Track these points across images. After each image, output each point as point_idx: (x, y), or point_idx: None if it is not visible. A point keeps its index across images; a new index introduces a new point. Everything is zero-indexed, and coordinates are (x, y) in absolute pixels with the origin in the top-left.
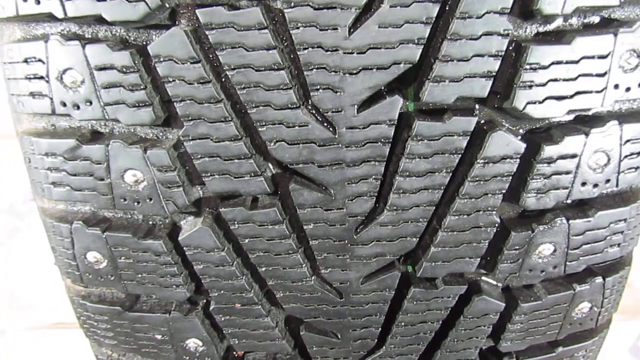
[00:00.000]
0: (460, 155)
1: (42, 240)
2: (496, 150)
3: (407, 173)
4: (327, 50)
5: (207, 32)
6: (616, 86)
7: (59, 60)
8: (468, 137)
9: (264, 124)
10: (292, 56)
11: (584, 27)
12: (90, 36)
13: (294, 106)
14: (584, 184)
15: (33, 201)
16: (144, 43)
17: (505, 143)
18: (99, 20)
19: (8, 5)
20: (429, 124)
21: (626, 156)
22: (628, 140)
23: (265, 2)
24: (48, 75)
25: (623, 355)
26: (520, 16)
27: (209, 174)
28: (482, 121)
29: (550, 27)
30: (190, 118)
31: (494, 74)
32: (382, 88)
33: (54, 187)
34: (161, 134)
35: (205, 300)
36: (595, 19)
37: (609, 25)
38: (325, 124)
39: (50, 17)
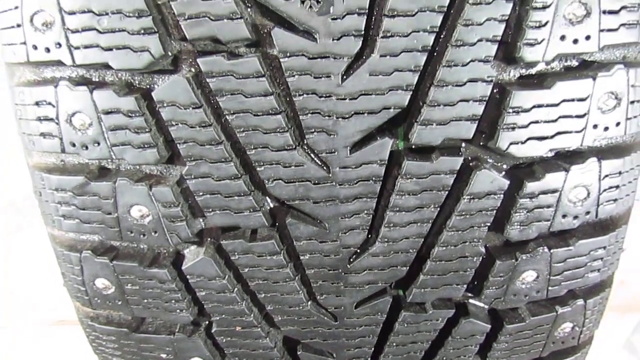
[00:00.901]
0: (447, 192)
1: (43, 238)
2: (481, 187)
3: (397, 208)
4: (321, 97)
5: (207, 80)
6: (595, 126)
7: (68, 104)
8: (455, 175)
9: (262, 164)
10: (287, 99)
11: (565, 70)
12: (97, 79)
13: (290, 147)
14: (564, 216)
15: (33, 198)
16: (149, 87)
17: (489, 180)
18: (106, 66)
19: (19, 51)
20: (418, 164)
21: (605, 190)
22: (607, 175)
23: (263, 50)
24: (58, 117)
25: (617, 351)
26: (503, 60)
27: (210, 210)
28: (468, 158)
29: (533, 70)
30: (192, 158)
31: (478, 117)
32: (373, 130)
33: (64, 220)
34: (165, 170)
35: (207, 322)
36: (576, 62)
37: (589, 67)
38: (320, 164)
39: (60, 63)
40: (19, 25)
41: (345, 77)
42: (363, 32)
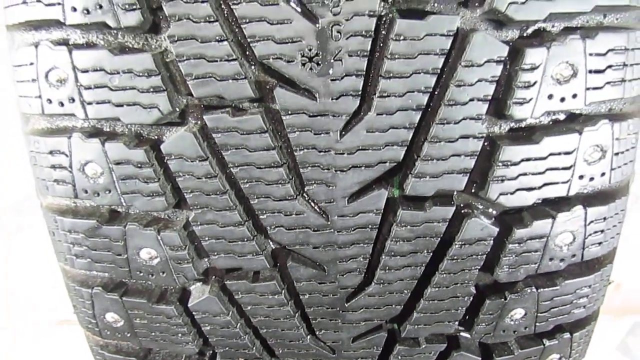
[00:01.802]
0: (439, 238)
1: (44, 239)
2: (472, 234)
3: (393, 253)
4: (320, 151)
5: (213, 135)
6: (581, 177)
7: (80, 154)
8: (447, 223)
9: (264, 212)
10: (289, 152)
11: (553, 123)
12: (108, 130)
13: (291, 198)
14: (551, 259)
15: (34, 199)
16: (157, 138)
17: (480, 228)
18: (117, 119)
19: (34, 104)
20: (412, 213)
21: (590, 234)
22: (592, 221)
23: (266, 105)
24: (71, 166)
25: (611, 353)
26: (494, 115)
27: (215, 253)
28: (460, 205)
29: (522, 124)
30: (199, 207)
31: (469, 170)
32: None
33: (76, 258)
34: (172, 215)
35: (212, 351)
36: (563, 115)
37: (575, 120)
38: (319, 213)
39: (73, 115)
40: (34, 80)
41: (343, 133)
42: (360, 92)
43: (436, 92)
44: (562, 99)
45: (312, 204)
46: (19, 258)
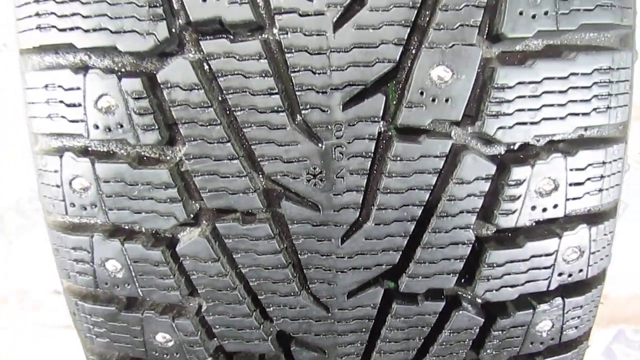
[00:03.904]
0: (430, 328)
1: (45, 240)
2: (459, 324)
3: (388, 339)
4: (322, 255)
5: (224, 240)
6: (560, 274)
7: (102, 252)
8: (437, 316)
9: (270, 306)
10: (293, 250)
11: (536, 224)
12: (127, 228)
13: (296, 294)
14: (532, 343)
15: (36, 201)
16: (172, 236)
17: (467, 319)
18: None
19: (58, 206)
20: (406, 307)
21: (568, 320)
22: (570, 310)
23: (273, 210)
24: (92, 262)
25: (597, 358)
26: (482, 219)
27: (225, 339)
28: (449, 297)
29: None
30: (211, 300)
31: (458, 271)
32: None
33: (95, 338)
34: (185, 301)
35: None
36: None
37: (555, 223)
38: (321, 306)
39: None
40: (58, 186)
41: (344, 239)
42: (360, 205)
43: (429, 205)
44: (544, 209)
45: (314, 298)
46: (20, 259)
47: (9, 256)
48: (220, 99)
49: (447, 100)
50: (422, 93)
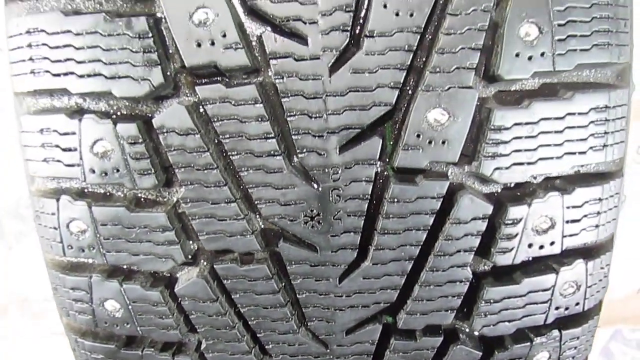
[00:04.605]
0: None
1: None
2: (458, 359)
3: None
4: (321, 294)
5: (223, 280)
6: (557, 308)
7: (100, 292)
8: (435, 350)
9: (269, 343)
10: (292, 288)
11: (533, 260)
12: (126, 268)
13: (295, 331)
14: None
15: None
16: (170, 275)
17: (464, 353)
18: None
19: (56, 248)
20: (403, 343)
21: (565, 351)
22: (567, 341)
23: (271, 249)
24: (91, 302)
25: (595, 357)
26: (479, 255)
27: None
28: (446, 331)
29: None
30: (210, 338)
31: (455, 308)
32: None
33: None
34: (185, 337)
35: None
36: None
37: (552, 258)
38: (320, 343)
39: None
40: (55, 228)
41: (342, 279)
42: (358, 246)
43: (426, 245)
44: (541, 247)
45: (313, 336)
46: (19, 264)
47: (8, 262)
48: (216, 141)
49: (443, 143)
50: (418, 136)
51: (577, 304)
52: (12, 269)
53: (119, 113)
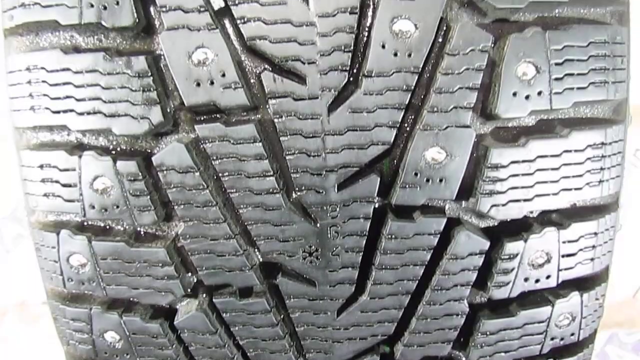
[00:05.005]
0: None
1: None
2: None
3: None
4: (319, 327)
5: (222, 314)
6: (552, 338)
7: (100, 324)
8: None
9: None
10: (291, 326)
11: (529, 293)
12: (125, 306)
13: None
14: None
15: None
16: (169, 307)
17: None
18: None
19: (56, 280)
20: None
21: None
22: None
23: (270, 282)
24: (91, 332)
25: None
26: (476, 287)
27: None
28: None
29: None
30: None
31: (452, 340)
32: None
33: None
34: None
35: None
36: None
37: (548, 291)
38: None
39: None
40: (55, 261)
41: (340, 312)
42: (356, 280)
43: (423, 279)
44: (537, 280)
45: None
46: (17, 267)
47: (6, 265)
48: (215, 177)
49: (441, 181)
50: (416, 174)
51: (572, 334)
52: (10, 273)
53: (118, 148)
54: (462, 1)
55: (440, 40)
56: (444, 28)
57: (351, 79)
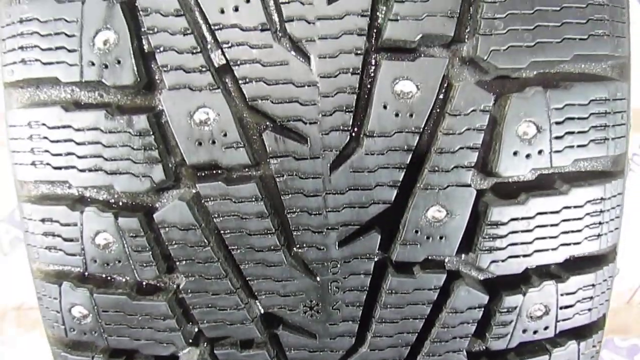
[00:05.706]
0: None
1: None
2: None
3: None
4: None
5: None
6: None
7: None
8: None
9: None
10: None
11: (527, 343)
12: (127, 355)
13: None
14: None
15: None
16: (171, 354)
17: None
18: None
19: (58, 329)
20: None
21: None
22: None
23: (271, 332)
24: None
25: None
26: (475, 336)
27: None
28: None
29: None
30: None
31: None
32: None
33: None
34: None
35: None
36: None
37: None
38: None
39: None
40: (58, 312)
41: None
42: (356, 332)
43: (423, 331)
44: (535, 332)
45: None
46: (14, 270)
47: (3, 268)
48: (217, 232)
49: (441, 238)
50: (417, 232)
51: None
52: (7, 276)
53: (120, 202)
54: (464, 59)
55: (441, 97)
56: (445, 85)
57: (352, 138)
